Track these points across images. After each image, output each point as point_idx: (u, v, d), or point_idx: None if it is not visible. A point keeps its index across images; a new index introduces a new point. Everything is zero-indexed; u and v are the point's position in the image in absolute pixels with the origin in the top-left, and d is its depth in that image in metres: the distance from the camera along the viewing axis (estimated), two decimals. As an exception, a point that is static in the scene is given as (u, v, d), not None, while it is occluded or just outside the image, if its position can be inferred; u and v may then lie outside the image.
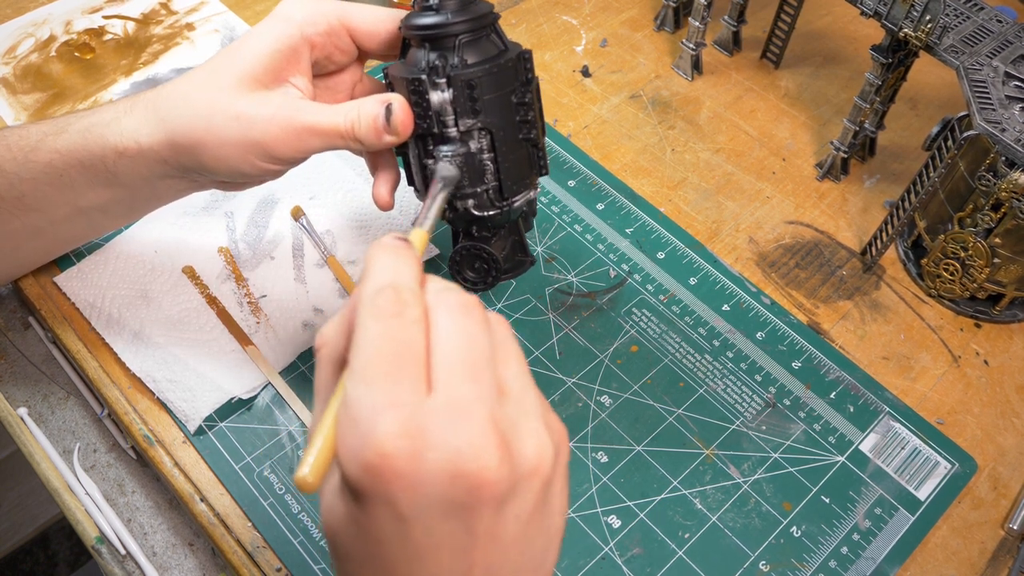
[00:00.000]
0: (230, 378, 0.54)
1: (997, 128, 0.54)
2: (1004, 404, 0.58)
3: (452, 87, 0.42)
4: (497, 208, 0.45)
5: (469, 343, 0.31)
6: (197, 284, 0.59)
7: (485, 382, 0.30)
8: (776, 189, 0.69)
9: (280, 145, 0.43)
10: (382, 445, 0.28)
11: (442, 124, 0.42)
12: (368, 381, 0.29)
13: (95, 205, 0.49)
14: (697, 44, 0.75)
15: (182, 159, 0.45)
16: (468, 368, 0.30)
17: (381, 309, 0.30)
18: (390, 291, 0.31)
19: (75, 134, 0.47)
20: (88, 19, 0.77)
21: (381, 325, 0.30)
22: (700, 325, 0.60)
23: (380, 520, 0.29)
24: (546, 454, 0.30)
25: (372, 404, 0.28)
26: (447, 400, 0.29)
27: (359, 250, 0.61)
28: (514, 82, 0.43)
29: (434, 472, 0.28)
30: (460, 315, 0.31)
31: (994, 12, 0.62)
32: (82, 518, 0.52)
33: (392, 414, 0.28)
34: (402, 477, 0.28)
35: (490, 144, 0.43)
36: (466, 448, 0.28)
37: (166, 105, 0.45)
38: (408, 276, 0.32)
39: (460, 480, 0.28)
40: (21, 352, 0.59)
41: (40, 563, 1.30)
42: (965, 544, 0.53)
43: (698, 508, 0.52)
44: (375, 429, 0.28)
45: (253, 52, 0.44)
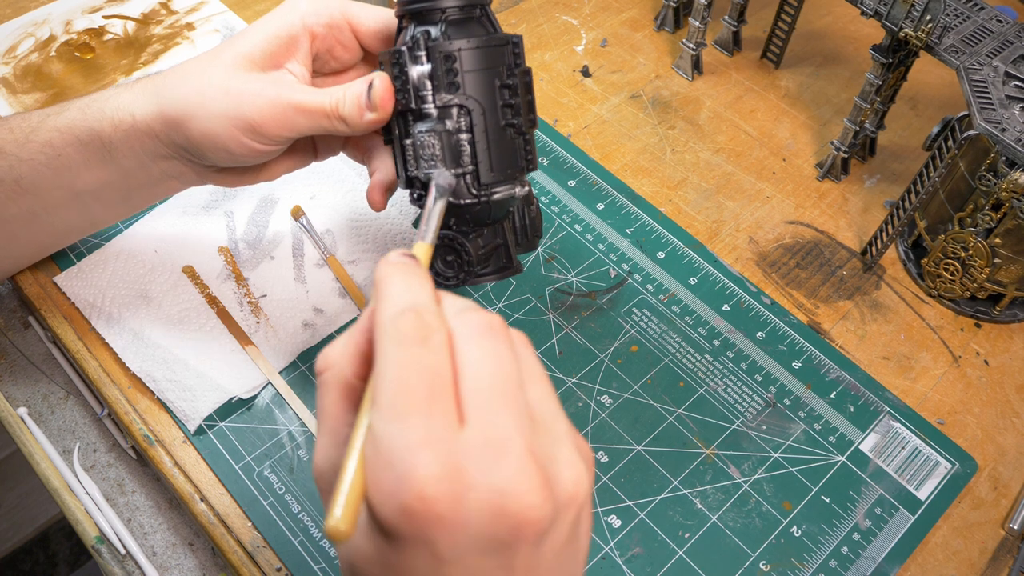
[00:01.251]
0: (230, 378, 0.54)
1: (997, 128, 0.54)
2: (1004, 404, 0.58)
3: (431, 60, 0.41)
4: (474, 197, 0.43)
5: (498, 369, 0.29)
6: (197, 284, 0.59)
7: (518, 411, 0.29)
8: (776, 189, 0.69)
9: (266, 121, 0.44)
10: (422, 489, 0.26)
11: (420, 99, 0.41)
12: (399, 417, 0.28)
13: (90, 187, 0.49)
14: (697, 44, 0.75)
15: (172, 134, 0.46)
16: (500, 397, 0.29)
17: (405, 335, 0.29)
18: (412, 315, 0.29)
19: (75, 110, 0.48)
20: (88, 19, 0.77)
21: (406, 353, 0.29)
22: (700, 325, 0.60)
23: (416, 561, 0.28)
24: (582, 483, 0.29)
25: (406, 443, 0.27)
26: (483, 434, 0.28)
27: (359, 250, 0.61)
28: (500, 64, 0.42)
29: (475, 513, 0.27)
30: (486, 338, 0.30)
31: (994, 12, 0.62)
32: (82, 518, 0.52)
33: (429, 454, 0.27)
34: (443, 520, 0.27)
35: (468, 124, 0.42)
36: (508, 487, 0.27)
37: (164, 82, 0.46)
38: (426, 297, 0.31)
39: (503, 520, 0.27)
40: (21, 352, 0.59)
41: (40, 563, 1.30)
42: (965, 544, 0.53)
43: (698, 508, 0.52)
44: (413, 471, 0.27)
45: (253, 36, 0.45)
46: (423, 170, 0.43)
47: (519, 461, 0.28)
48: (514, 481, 0.27)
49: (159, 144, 0.47)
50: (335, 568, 0.49)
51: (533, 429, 0.29)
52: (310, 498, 0.51)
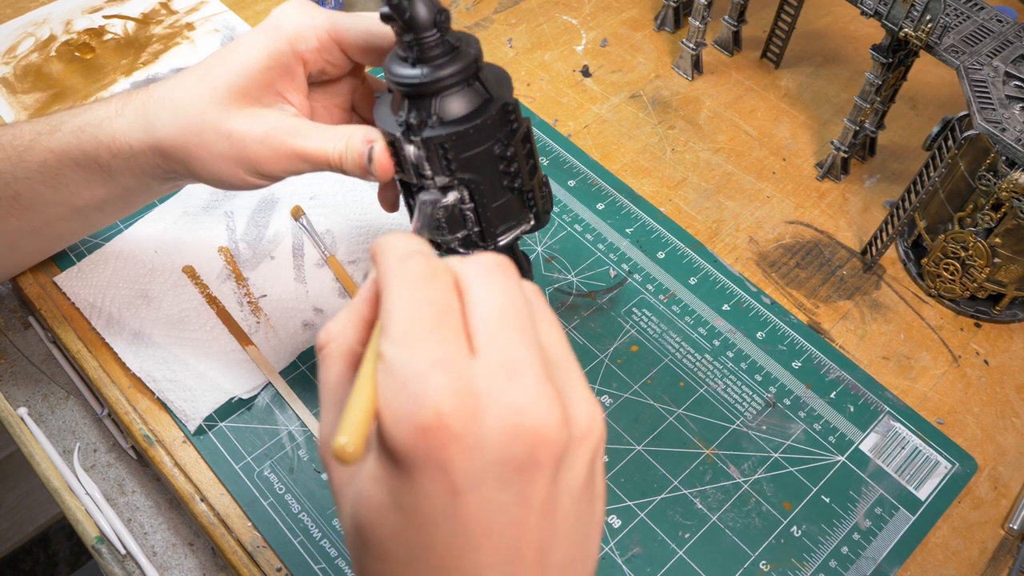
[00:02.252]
0: (230, 378, 0.54)
1: (997, 128, 0.54)
2: (1004, 404, 0.58)
3: (425, 148, 0.40)
4: (483, 247, 0.44)
5: (508, 301, 0.29)
6: (197, 284, 0.59)
7: (531, 342, 0.29)
8: (776, 189, 0.69)
9: (270, 165, 0.43)
10: (438, 404, 0.26)
11: (420, 176, 0.41)
12: (411, 342, 0.27)
13: (91, 203, 0.49)
14: (697, 44, 0.75)
15: (173, 166, 0.46)
16: (512, 326, 0.29)
17: (413, 272, 0.29)
18: (419, 256, 0.30)
19: (68, 134, 0.47)
20: (88, 19, 0.77)
21: (415, 289, 0.29)
22: (700, 325, 0.60)
23: (430, 495, 0.27)
24: (597, 419, 0.29)
25: (419, 364, 0.27)
26: (497, 358, 0.28)
27: (359, 250, 0.61)
28: (496, 134, 0.41)
29: (492, 431, 0.27)
30: (494, 275, 0.30)
31: (994, 12, 0.62)
32: (82, 518, 0.52)
33: (443, 373, 0.27)
34: (459, 438, 0.26)
35: (469, 197, 0.42)
36: (525, 404, 0.27)
37: (156, 112, 0.45)
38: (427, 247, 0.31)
39: (520, 438, 0.27)
40: (21, 352, 0.59)
41: (40, 563, 1.30)
42: (965, 544, 0.53)
43: (698, 508, 0.52)
44: (427, 388, 0.26)
45: (245, 65, 0.43)
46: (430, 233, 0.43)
47: (535, 381, 0.27)
48: (530, 399, 0.27)
49: (159, 170, 0.47)
50: (335, 568, 0.49)
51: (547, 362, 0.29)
52: (310, 498, 0.51)
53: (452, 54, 0.40)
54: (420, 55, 0.39)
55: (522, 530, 0.28)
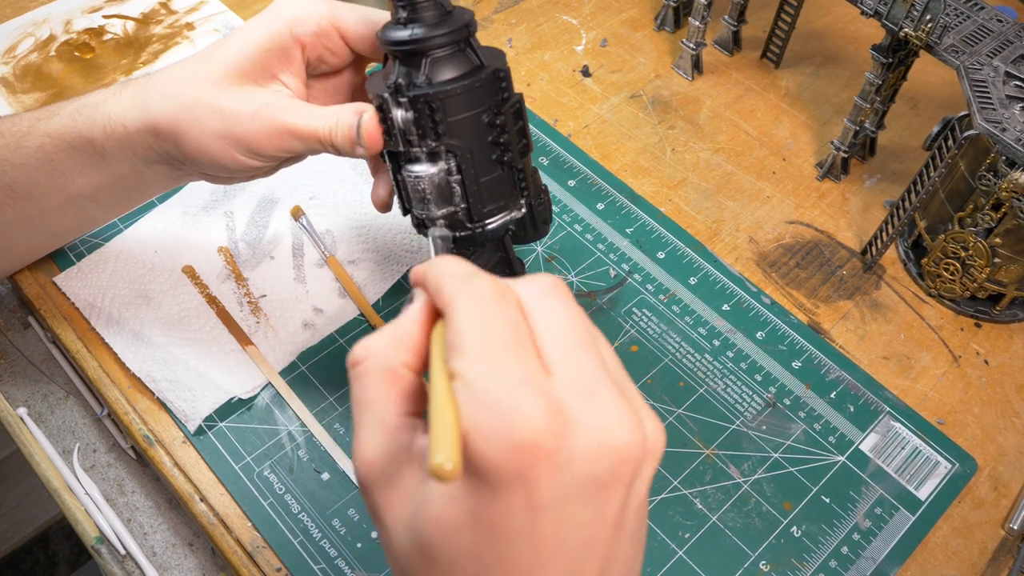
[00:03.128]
0: (230, 378, 0.54)
1: (997, 128, 0.54)
2: (1004, 404, 0.58)
3: (414, 108, 0.40)
4: (469, 230, 0.43)
5: (571, 320, 0.30)
6: (197, 284, 0.59)
7: (599, 360, 0.29)
8: (776, 189, 0.69)
9: (261, 142, 0.43)
10: (532, 422, 0.26)
11: (408, 143, 0.41)
12: (492, 361, 0.27)
13: (85, 192, 0.49)
14: (697, 44, 0.75)
15: (165, 146, 0.46)
16: (581, 346, 0.29)
17: (481, 293, 0.29)
18: (483, 276, 0.30)
19: (65, 116, 0.47)
20: (88, 18, 0.77)
21: (487, 308, 0.29)
22: (700, 325, 0.60)
23: (513, 512, 0.27)
24: (661, 434, 0.30)
25: (508, 384, 0.27)
26: (572, 380, 0.28)
27: (359, 250, 0.61)
28: (486, 101, 0.41)
29: (580, 449, 0.27)
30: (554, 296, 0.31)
31: (994, 12, 0.62)
32: (82, 518, 0.51)
33: (531, 391, 0.27)
34: (550, 456, 0.27)
35: (456, 167, 0.42)
36: (610, 423, 0.28)
37: (152, 92, 0.45)
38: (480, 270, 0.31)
39: (604, 455, 0.27)
40: (21, 352, 0.59)
41: (40, 563, 1.30)
42: (965, 544, 0.52)
43: (698, 508, 0.52)
44: (520, 408, 0.26)
45: (242, 47, 0.44)
46: (416, 209, 0.43)
47: (614, 401, 0.28)
48: (614, 418, 0.28)
49: (152, 152, 0.46)
50: (335, 568, 0.49)
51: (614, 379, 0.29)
52: (310, 498, 0.51)
53: (444, 17, 0.40)
54: (412, 15, 0.40)
55: (592, 547, 0.28)
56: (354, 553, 0.49)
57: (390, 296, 0.60)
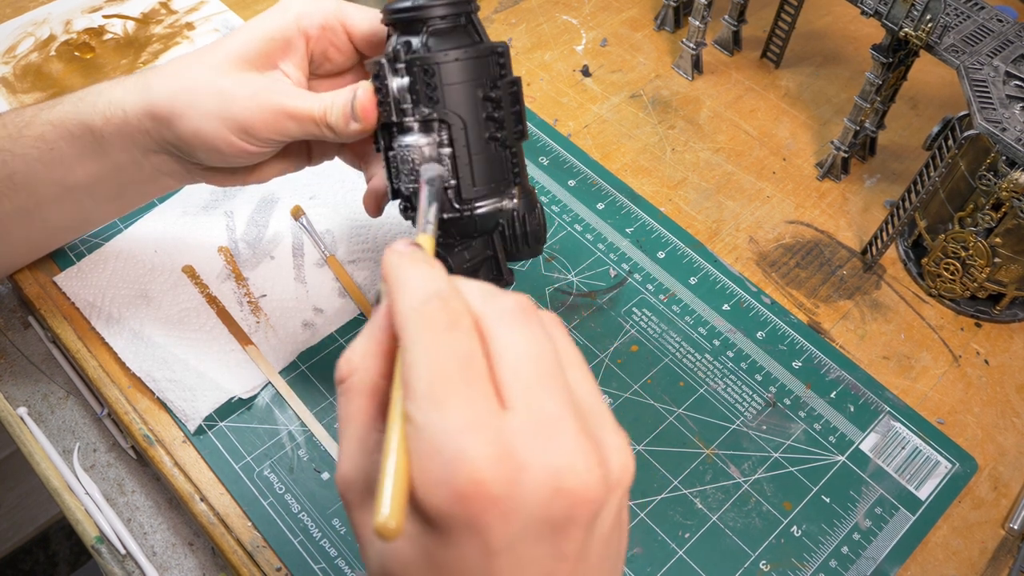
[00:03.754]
0: (230, 378, 0.54)
1: (997, 127, 0.54)
2: (1004, 404, 0.58)
3: (410, 73, 0.40)
4: (456, 211, 0.42)
5: (535, 351, 0.28)
6: (197, 284, 0.59)
7: (562, 392, 0.28)
8: (776, 189, 0.69)
9: (256, 123, 0.43)
10: (475, 469, 0.25)
11: (401, 112, 0.41)
12: (439, 404, 0.26)
13: (82, 183, 0.49)
14: (697, 44, 0.75)
15: (162, 131, 0.46)
16: (543, 380, 0.28)
17: (433, 322, 0.28)
18: (438, 301, 0.28)
19: (68, 104, 0.47)
20: (88, 18, 0.77)
21: (437, 340, 0.28)
22: (700, 325, 0.60)
23: (465, 556, 0.27)
24: (629, 466, 0.29)
25: (451, 428, 0.26)
26: (531, 416, 0.27)
27: (359, 250, 0.61)
28: (483, 75, 0.41)
29: (531, 494, 0.26)
30: (519, 321, 0.29)
31: (994, 11, 0.62)
32: (82, 518, 0.51)
33: (477, 436, 0.26)
34: (497, 503, 0.26)
35: (448, 138, 0.41)
36: (564, 464, 0.26)
37: (155, 77, 0.46)
38: (445, 283, 0.29)
39: (559, 499, 0.26)
40: (21, 352, 0.59)
41: (40, 563, 1.30)
42: (965, 544, 0.52)
43: (698, 508, 0.52)
44: (463, 454, 0.25)
45: (247, 37, 0.45)
46: (404, 184, 0.42)
47: (574, 439, 0.27)
48: (570, 459, 0.26)
49: (149, 140, 0.47)
50: (335, 568, 0.49)
51: (579, 412, 0.28)
52: (310, 498, 0.51)
53: None
54: None
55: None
56: (354, 553, 0.49)
57: (390, 296, 0.59)
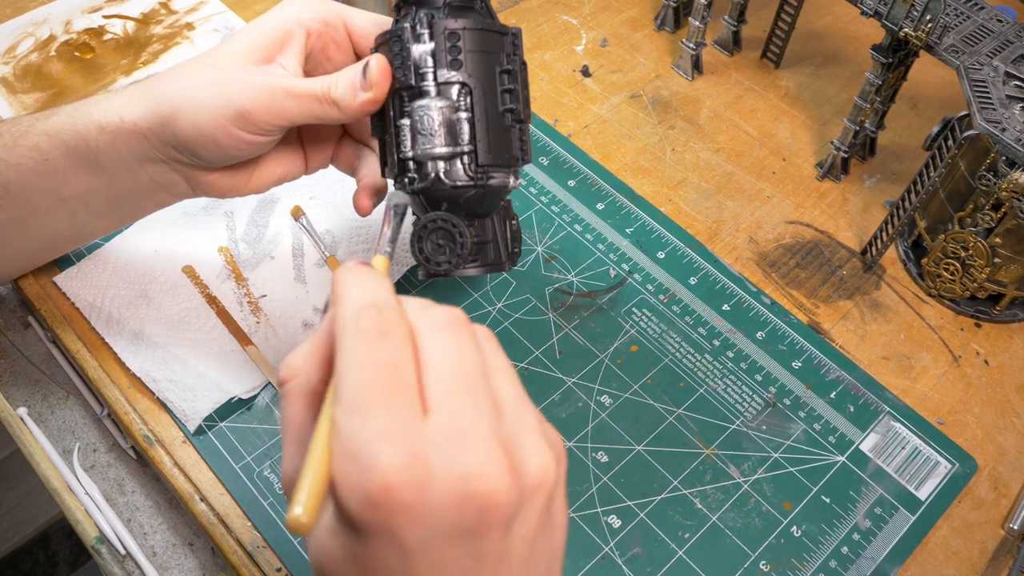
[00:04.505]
0: (230, 378, 0.54)
1: (997, 128, 0.54)
2: (1004, 404, 0.58)
3: (434, 38, 0.41)
4: (470, 178, 0.42)
5: (461, 360, 0.30)
6: (197, 284, 0.59)
7: (482, 400, 0.29)
8: (776, 189, 0.69)
9: (255, 107, 0.43)
10: (385, 478, 0.27)
11: (420, 77, 0.41)
12: (361, 410, 0.28)
13: (77, 194, 0.49)
14: (697, 44, 0.75)
15: (161, 132, 0.45)
16: (463, 387, 0.29)
17: (365, 330, 0.29)
18: (372, 310, 0.30)
19: (64, 114, 0.47)
20: (88, 19, 0.77)
21: (367, 348, 0.29)
22: (700, 325, 0.60)
23: (383, 556, 0.28)
24: (549, 469, 0.29)
25: (369, 434, 0.27)
26: (446, 423, 0.28)
27: (359, 250, 0.61)
28: (500, 50, 0.42)
29: (440, 500, 0.27)
30: (448, 332, 0.31)
31: (994, 12, 0.62)
32: (82, 518, 0.52)
33: (391, 443, 0.27)
34: (408, 509, 0.27)
35: (469, 104, 0.42)
36: (473, 471, 0.27)
37: (154, 82, 0.46)
38: (385, 295, 0.31)
39: (469, 505, 0.27)
40: (21, 352, 0.59)
41: (40, 563, 1.30)
42: (965, 544, 0.53)
43: (698, 508, 0.52)
44: (376, 461, 0.27)
45: (247, 34, 0.45)
46: (420, 147, 0.42)
47: (484, 446, 0.28)
48: (479, 466, 0.27)
49: (147, 146, 0.46)
50: (335, 568, 0.49)
51: (498, 418, 0.29)
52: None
53: None
54: None
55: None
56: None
57: (390, 296, 0.60)
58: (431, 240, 0.43)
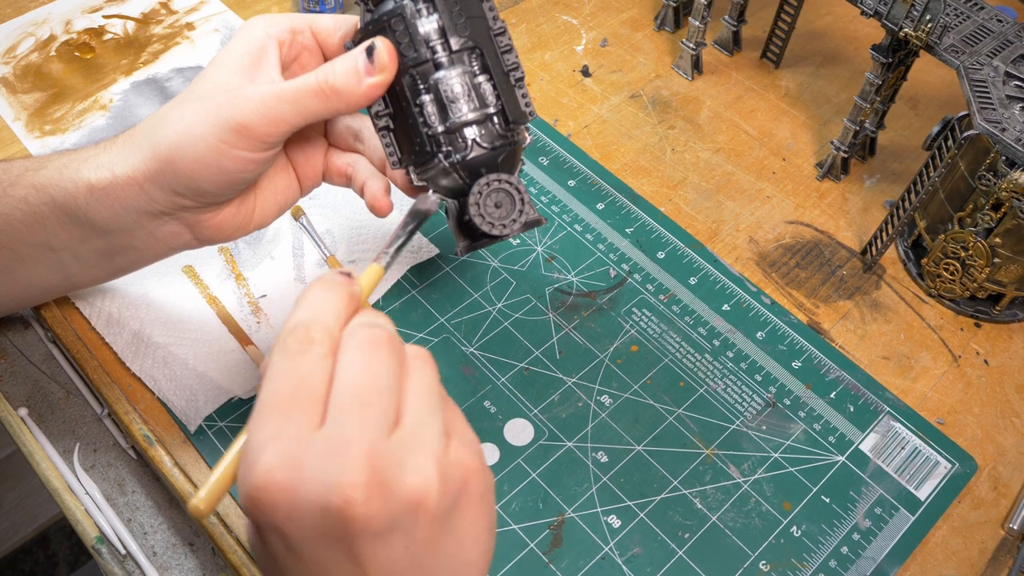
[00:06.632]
0: (230, 378, 0.54)
1: (997, 128, 0.54)
2: (1004, 404, 0.58)
3: (437, 10, 0.42)
4: (503, 137, 0.43)
5: (365, 377, 0.32)
6: (197, 284, 0.59)
7: (372, 416, 0.31)
8: (776, 189, 0.69)
9: (253, 119, 0.42)
10: (259, 478, 0.30)
11: (431, 50, 0.42)
12: (262, 417, 0.31)
13: (66, 246, 0.48)
14: (697, 44, 0.75)
15: (158, 178, 0.44)
16: (357, 402, 0.31)
17: (288, 347, 0.32)
18: (301, 329, 0.32)
19: (53, 169, 0.46)
20: (88, 18, 0.77)
21: (285, 362, 0.32)
22: (700, 325, 0.60)
23: (272, 545, 0.31)
24: (430, 489, 0.31)
25: (259, 439, 0.30)
26: (331, 433, 0.30)
27: (359, 250, 0.61)
28: (487, 15, 0.44)
29: (306, 505, 0.30)
30: (365, 350, 0.32)
31: (994, 11, 0.62)
32: (82, 518, 0.52)
33: (272, 448, 0.30)
34: (278, 509, 0.30)
35: (483, 65, 0.43)
36: (335, 483, 0.29)
37: (144, 130, 0.45)
38: (328, 313, 0.33)
39: (330, 513, 0.29)
40: (21, 352, 0.59)
41: (40, 563, 1.30)
42: (965, 544, 0.53)
43: (698, 508, 0.52)
44: (256, 462, 0.30)
45: (223, 61, 0.44)
46: (452, 118, 0.42)
47: (352, 461, 0.30)
48: (342, 478, 0.29)
49: (146, 198, 0.44)
50: (335, 568, 0.49)
51: (385, 435, 0.31)
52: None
53: None
54: None
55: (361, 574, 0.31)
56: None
57: (390, 296, 0.60)
58: (487, 204, 0.43)
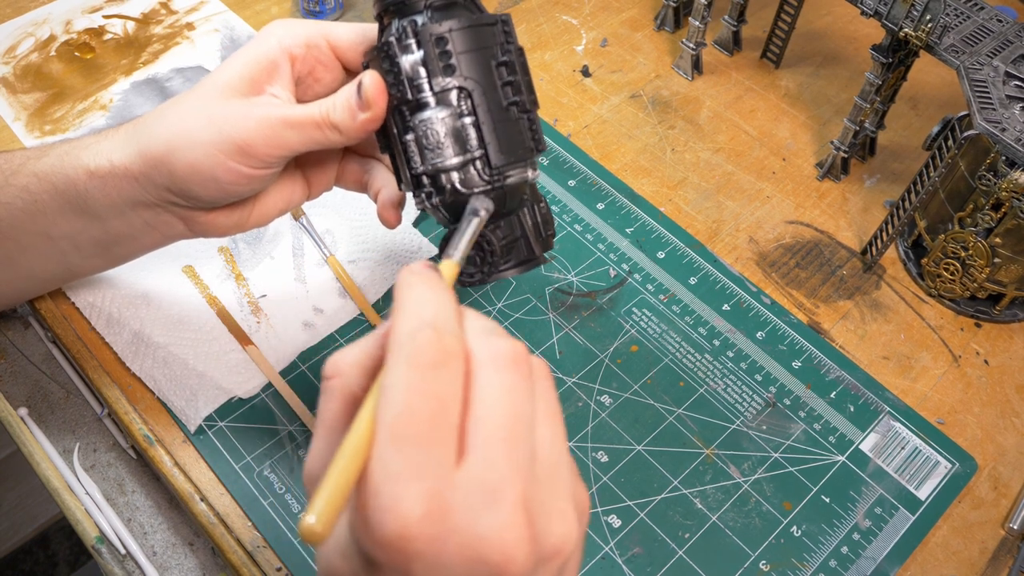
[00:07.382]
0: (230, 378, 0.54)
1: (997, 128, 0.54)
2: (1004, 404, 0.58)
3: (422, 46, 0.39)
4: (487, 182, 0.41)
5: (511, 407, 0.28)
6: (197, 284, 0.59)
7: (521, 452, 0.28)
8: (776, 189, 0.69)
9: (255, 141, 0.42)
10: (404, 526, 0.26)
11: (416, 89, 0.40)
12: (397, 443, 0.27)
13: (66, 234, 0.48)
14: (697, 44, 0.75)
15: (153, 174, 0.44)
16: (506, 437, 0.28)
17: (420, 355, 0.28)
18: (431, 333, 0.28)
19: (54, 157, 0.46)
20: (88, 19, 0.77)
21: (419, 376, 0.28)
22: (700, 325, 0.60)
23: None
24: (571, 538, 0.29)
25: (398, 472, 0.26)
26: (479, 473, 0.27)
27: (359, 250, 0.61)
28: (493, 43, 0.41)
29: (455, 555, 0.26)
30: (507, 371, 0.29)
31: (994, 12, 0.62)
32: (82, 518, 0.52)
33: (418, 488, 0.26)
34: (420, 557, 0.26)
35: (470, 106, 0.40)
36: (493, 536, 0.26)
37: (142, 123, 0.45)
38: (448, 314, 0.29)
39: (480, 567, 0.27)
40: (21, 352, 0.59)
41: (40, 563, 1.30)
42: (965, 544, 0.53)
43: (698, 508, 0.52)
44: (398, 505, 0.26)
45: (231, 66, 0.44)
46: (429, 162, 0.41)
47: (510, 511, 0.27)
48: (500, 532, 0.27)
49: (139, 189, 0.45)
50: (335, 568, 0.49)
51: (533, 476, 0.28)
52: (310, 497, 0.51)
53: None
54: None
55: None
56: (354, 553, 0.49)
57: (390, 296, 0.60)
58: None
